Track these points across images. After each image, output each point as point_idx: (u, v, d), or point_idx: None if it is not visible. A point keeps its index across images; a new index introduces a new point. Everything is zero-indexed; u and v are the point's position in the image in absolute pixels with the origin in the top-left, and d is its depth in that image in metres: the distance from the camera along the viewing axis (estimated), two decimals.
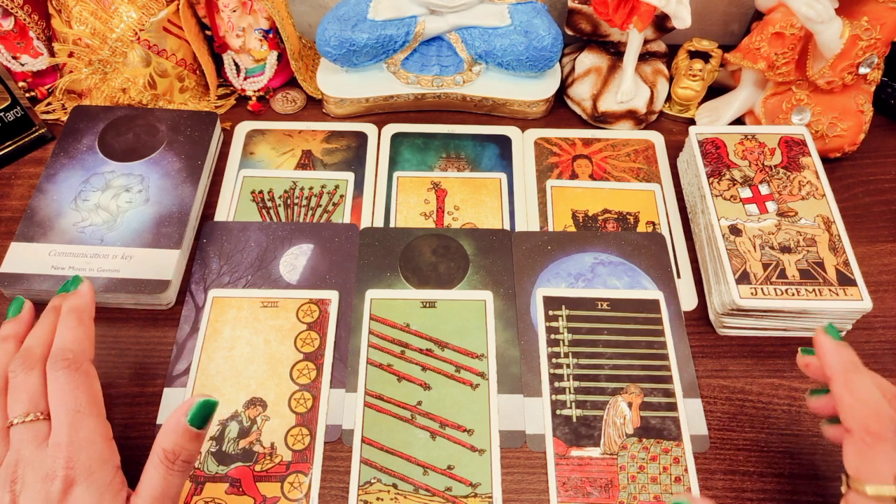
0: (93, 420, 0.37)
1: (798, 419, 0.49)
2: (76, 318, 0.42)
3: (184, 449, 0.37)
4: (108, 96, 0.63)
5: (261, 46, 0.64)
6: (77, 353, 0.40)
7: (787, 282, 0.50)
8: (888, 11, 0.54)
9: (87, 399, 0.38)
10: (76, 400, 0.37)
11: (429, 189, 0.60)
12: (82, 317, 0.42)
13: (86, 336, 0.41)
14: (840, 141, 0.61)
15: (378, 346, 0.51)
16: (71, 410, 0.37)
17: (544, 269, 0.55)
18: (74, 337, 0.41)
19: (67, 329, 0.41)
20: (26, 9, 0.60)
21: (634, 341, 0.51)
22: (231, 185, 0.60)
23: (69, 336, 0.40)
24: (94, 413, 0.38)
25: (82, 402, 0.37)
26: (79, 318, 0.42)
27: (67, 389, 0.38)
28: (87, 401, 0.38)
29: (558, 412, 0.48)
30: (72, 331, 0.41)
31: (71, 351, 0.39)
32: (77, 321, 0.42)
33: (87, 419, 0.37)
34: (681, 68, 0.64)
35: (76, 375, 0.38)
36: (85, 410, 0.37)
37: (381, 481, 0.46)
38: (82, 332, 0.41)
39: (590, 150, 0.63)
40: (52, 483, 0.35)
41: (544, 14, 0.62)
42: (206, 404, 0.38)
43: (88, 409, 0.38)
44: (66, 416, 0.37)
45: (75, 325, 0.41)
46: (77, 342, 0.40)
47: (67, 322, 0.41)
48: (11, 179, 0.61)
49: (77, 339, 0.40)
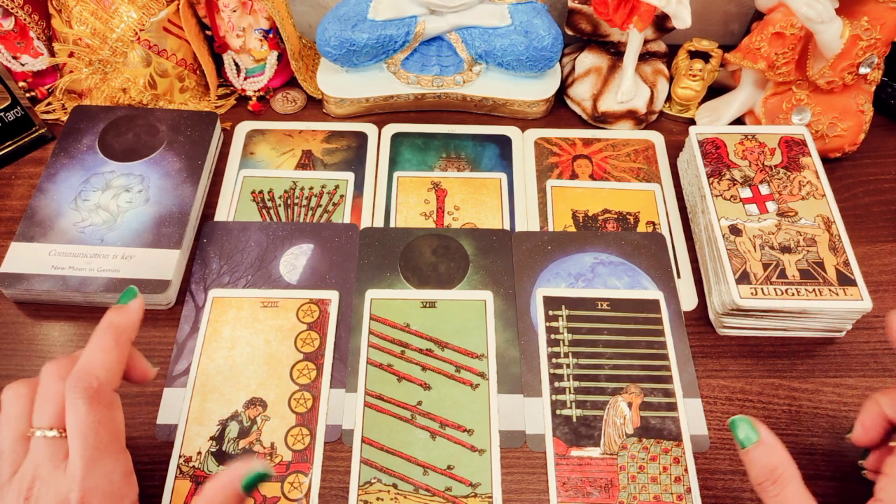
0: (111, 458, 0.36)
1: (798, 419, 0.49)
2: (113, 338, 0.39)
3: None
4: (108, 96, 0.63)
5: (261, 46, 0.64)
6: (103, 381, 0.37)
7: (787, 282, 0.50)
8: (888, 11, 0.54)
9: (108, 436, 0.36)
10: (97, 437, 0.35)
11: (429, 189, 0.60)
12: (120, 339, 0.39)
13: (117, 362, 0.38)
14: (840, 141, 0.61)
15: (378, 346, 0.51)
16: (90, 447, 0.35)
17: (544, 269, 0.55)
18: (104, 362, 0.37)
19: (100, 350, 0.38)
20: (26, 9, 0.60)
21: (634, 341, 0.51)
22: (231, 185, 0.60)
23: (99, 359, 0.37)
24: (114, 450, 0.36)
25: (102, 440, 0.35)
26: (116, 339, 0.39)
27: (88, 423, 0.35)
28: (108, 438, 0.36)
29: (558, 412, 0.48)
30: (104, 353, 0.38)
31: (96, 378, 0.36)
32: (113, 342, 0.38)
33: (106, 457, 0.36)
34: (681, 68, 0.64)
35: (98, 408, 0.36)
36: (104, 447, 0.36)
37: (381, 481, 0.46)
38: (115, 356, 0.38)
39: (590, 150, 0.63)
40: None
41: (544, 14, 0.62)
42: (264, 476, 0.36)
43: (108, 447, 0.36)
44: (85, 451, 0.35)
45: (110, 346, 0.38)
46: (105, 368, 0.37)
47: (102, 341, 0.38)
48: (11, 179, 0.61)
49: (106, 365, 0.37)
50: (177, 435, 0.47)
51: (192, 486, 0.45)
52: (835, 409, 0.50)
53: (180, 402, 0.48)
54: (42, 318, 0.53)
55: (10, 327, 0.52)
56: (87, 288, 0.51)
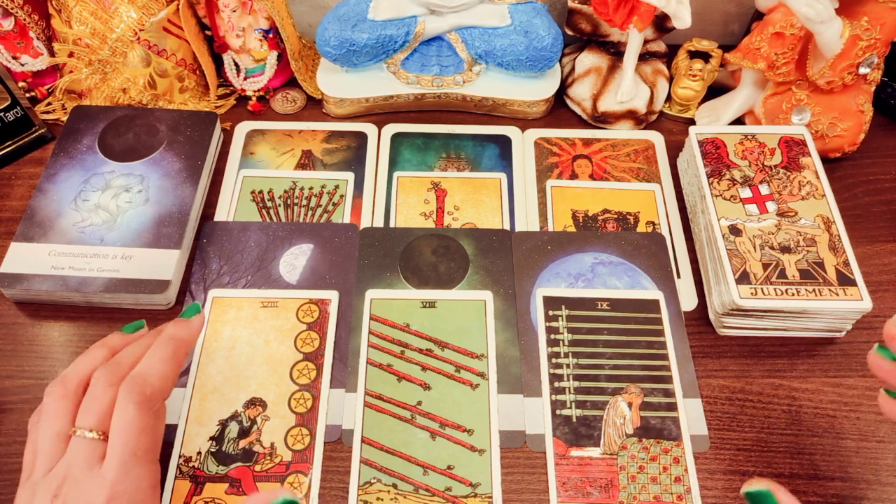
0: (145, 467, 0.37)
1: (798, 419, 0.49)
2: (172, 350, 0.40)
3: None
4: (108, 96, 0.63)
5: (261, 46, 0.64)
6: (157, 390, 0.38)
7: (787, 282, 0.50)
8: (888, 11, 0.54)
9: (148, 445, 0.37)
10: (137, 443, 0.36)
11: (429, 189, 0.60)
12: (179, 351, 0.40)
13: (172, 373, 0.39)
14: (840, 141, 0.61)
15: (378, 346, 0.51)
16: (129, 451, 0.36)
17: (544, 269, 0.55)
18: (161, 371, 0.39)
19: (158, 360, 0.39)
20: (26, 9, 0.60)
21: (634, 341, 0.51)
22: (231, 185, 0.60)
23: (157, 368, 0.39)
24: (149, 460, 0.37)
25: (142, 447, 0.36)
26: (175, 352, 0.40)
27: (132, 428, 0.36)
28: (147, 446, 0.37)
29: (558, 412, 0.48)
30: (162, 363, 0.39)
31: (151, 385, 0.38)
32: (172, 354, 0.40)
33: (140, 465, 0.36)
34: (681, 68, 0.64)
35: (146, 416, 0.37)
36: (141, 455, 0.36)
37: (381, 481, 0.46)
38: (171, 368, 0.39)
39: (590, 150, 0.63)
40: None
41: (544, 14, 0.62)
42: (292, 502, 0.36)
43: (145, 455, 0.37)
44: (122, 454, 0.36)
45: (168, 357, 0.39)
46: (161, 378, 0.38)
47: (162, 351, 0.40)
48: (11, 179, 0.61)
49: (162, 375, 0.39)
50: (177, 435, 0.47)
51: (191, 487, 0.45)
52: (835, 409, 0.50)
53: (180, 402, 0.48)
54: (42, 318, 0.53)
55: (10, 327, 0.52)
56: (87, 288, 0.51)
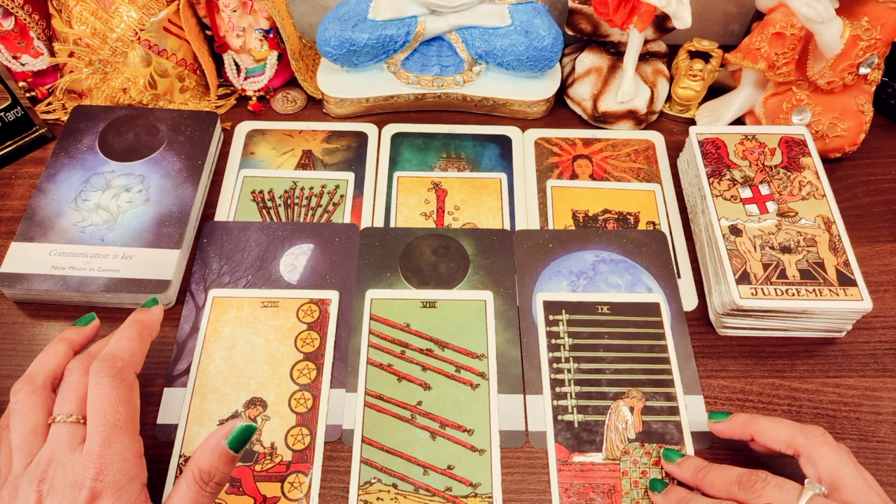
0: (127, 437, 0.38)
1: (798, 419, 0.49)
2: (137, 331, 0.42)
3: (218, 471, 0.37)
4: (108, 96, 0.63)
5: (261, 46, 0.64)
6: (126, 363, 0.40)
7: (788, 282, 0.50)
8: (888, 11, 0.54)
9: (127, 415, 0.38)
10: (116, 414, 0.37)
11: (429, 189, 0.60)
12: (143, 333, 0.43)
13: (140, 351, 0.42)
14: (840, 141, 0.61)
15: (378, 346, 0.51)
16: (109, 423, 0.37)
17: (546, 267, 0.55)
18: (129, 347, 0.41)
19: (125, 338, 0.41)
20: (27, 9, 0.60)
21: (635, 345, 0.51)
22: (231, 185, 0.60)
23: (124, 345, 0.41)
24: (130, 430, 0.38)
25: (121, 417, 0.37)
26: (140, 333, 0.42)
27: (109, 400, 0.38)
28: (126, 416, 0.38)
29: (560, 417, 0.48)
30: (129, 341, 0.41)
31: (121, 360, 0.39)
32: (137, 334, 0.42)
33: (123, 435, 0.37)
34: (681, 68, 0.64)
35: (121, 387, 0.38)
36: (122, 426, 0.37)
37: (381, 481, 0.46)
38: (137, 345, 0.41)
39: (590, 150, 0.63)
40: (79, 492, 0.35)
41: (544, 14, 0.62)
42: (248, 429, 0.38)
43: (125, 426, 0.38)
44: (104, 427, 0.37)
45: (134, 336, 0.42)
46: (129, 353, 0.40)
47: (128, 331, 0.42)
48: (11, 179, 0.61)
49: (130, 350, 0.41)
50: (177, 435, 0.47)
51: None
52: (835, 409, 0.50)
53: (180, 402, 0.48)
54: (42, 318, 0.53)
55: (10, 327, 0.52)
56: (88, 288, 0.51)
